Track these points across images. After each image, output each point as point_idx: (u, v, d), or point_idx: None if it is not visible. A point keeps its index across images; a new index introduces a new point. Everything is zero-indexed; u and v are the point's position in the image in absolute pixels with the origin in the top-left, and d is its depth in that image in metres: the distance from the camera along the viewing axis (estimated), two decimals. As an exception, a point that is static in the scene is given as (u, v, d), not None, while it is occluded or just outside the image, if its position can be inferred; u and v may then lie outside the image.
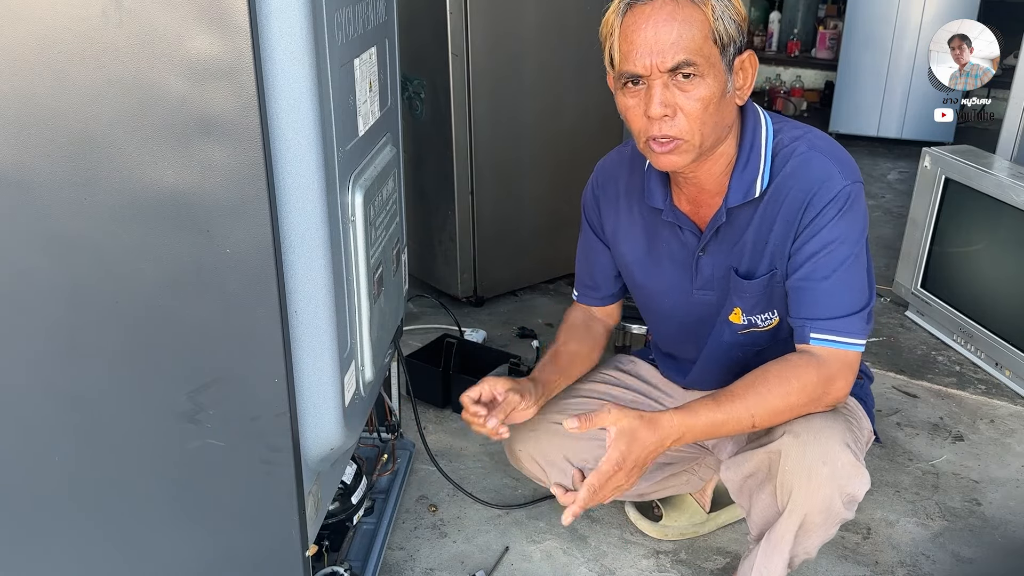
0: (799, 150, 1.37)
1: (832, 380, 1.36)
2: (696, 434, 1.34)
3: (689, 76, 1.24)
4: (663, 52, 1.23)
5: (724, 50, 1.26)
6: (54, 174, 1.03)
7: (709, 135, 1.31)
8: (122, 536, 1.27)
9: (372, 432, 1.85)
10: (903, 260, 2.85)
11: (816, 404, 1.37)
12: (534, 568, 1.77)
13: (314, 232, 1.09)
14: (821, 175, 1.34)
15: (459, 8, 2.50)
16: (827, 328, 1.35)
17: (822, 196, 1.33)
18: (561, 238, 3.02)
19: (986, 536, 1.88)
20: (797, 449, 1.35)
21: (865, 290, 1.38)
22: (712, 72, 1.25)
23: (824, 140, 1.40)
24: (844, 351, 1.35)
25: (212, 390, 1.14)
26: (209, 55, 0.97)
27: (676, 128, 1.27)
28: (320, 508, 1.37)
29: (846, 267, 1.34)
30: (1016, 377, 2.43)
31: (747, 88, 1.33)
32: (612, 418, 1.30)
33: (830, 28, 5.72)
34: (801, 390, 1.34)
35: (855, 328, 1.35)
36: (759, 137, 1.38)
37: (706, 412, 1.33)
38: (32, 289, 1.10)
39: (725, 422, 1.33)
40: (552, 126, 2.83)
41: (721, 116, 1.31)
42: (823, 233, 1.34)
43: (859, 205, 1.35)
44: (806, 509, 1.37)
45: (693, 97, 1.26)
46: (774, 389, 1.33)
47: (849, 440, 1.36)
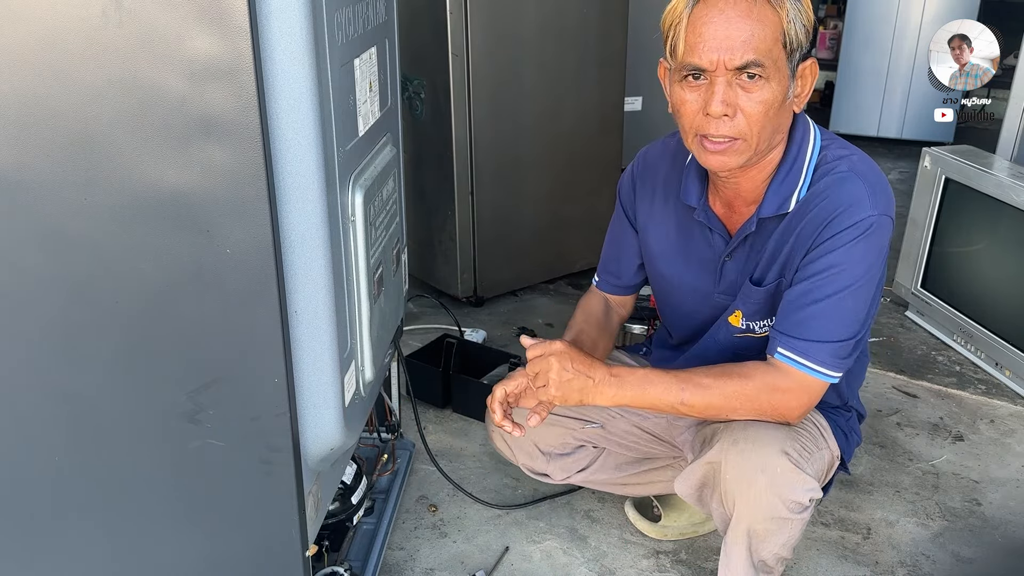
0: (839, 168, 1.34)
1: (783, 398, 1.34)
2: (624, 384, 1.35)
3: (754, 77, 1.21)
4: (733, 49, 1.19)
5: (791, 54, 1.24)
6: (54, 174, 1.03)
7: (764, 140, 1.29)
8: (122, 536, 1.27)
9: (372, 432, 1.85)
10: (903, 260, 2.85)
11: (761, 415, 1.37)
12: (534, 568, 1.77)
13: (314, 232, 1.09)
14: (850, 198, 1.31)
15: (459, 8, 2.50)
16: (796, 348, 1.32)
17: (844, 218, 1.30)
18: (561, 238, 3.02)
19: (986, 536, 1.88)
20: (735, 457, 1.36)
21: (853, 325, 1.33)
22: (777, 76, 1.23)
23: (867, 165, 1.36)
24: (805, 375, 1.33)
25: (212, 390, 1.14)
26: (209, 55, 0.97)
27: (734, 129, 1.25)
28: (320, 508, 1.37)
29: (842, 295, 1.31)
30: (1016, 377, 2.43)
31: (805, 96, 1.31)
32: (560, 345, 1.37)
33: (830, 28, 5.71)
34: (742, 394, 1.34)
35: (826, 357, 1.32)
36: (804, 150, 1.36)
37: (640, 372, 1.36)
38: (32, 289, 1.10)
39: (657, 387, 1.34)
40: (552, 126, 2.83)
41: (778, 122, 1.29)
42: (832, 255, 1.31)
43: (879, 238, 1.31)
44: (750, 517, 1.37)
45: (756, 99, 1.23)
46: (717, 383, 1.34)
47: (789, 448, 1.35)
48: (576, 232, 3.05)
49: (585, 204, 3.01)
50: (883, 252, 1.33)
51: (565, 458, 1.74)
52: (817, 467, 1.41)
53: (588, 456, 1.75)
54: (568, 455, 1.74)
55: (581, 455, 1.74)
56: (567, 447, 1.73)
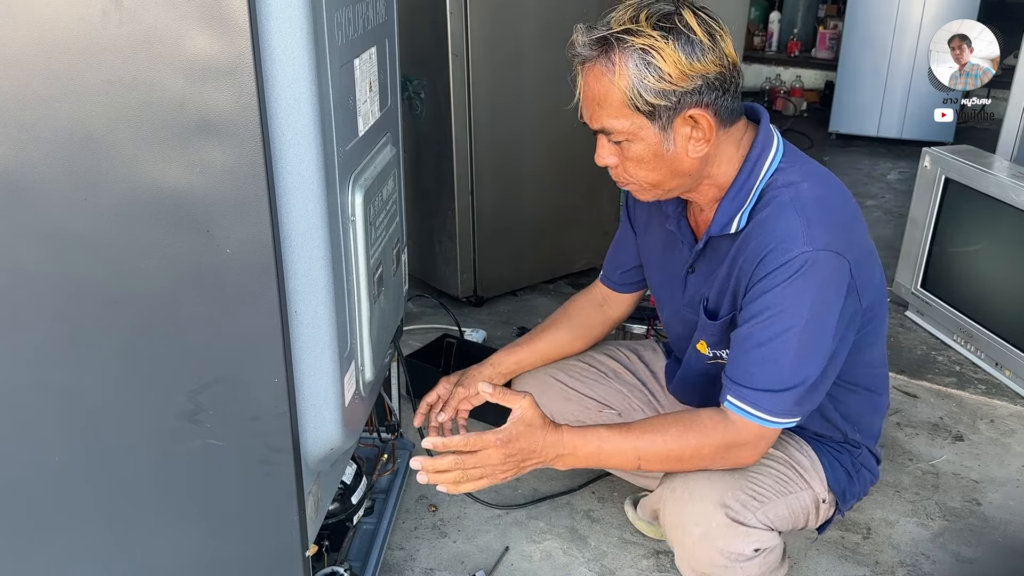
0: (781, 198, 1.28)
1: (739, 452, 1.32)
2: (581, 457, 1.31)
3: (618, 142, 1.27)
4: (590, 116, 1.28)
5: (651, 115, 1.22)
6: (54, 174, 1.03)
7: (661, 183, 1.30)
8: (122, 536, 1.27)
9: (372, 432, 1.85)
10: (903, 260, 2.85)
11: (715, 464, 1.35)
12: (534, 568, 1.77)
13: (314, 232, 1.09)
14: (782, 234, 1.25)
15: (459, 8, 2.50)
16: (744, 397, 1.28)
17: (775, 256, 1.24)
18: (561, 238, 3.02)
19: (986, 536, 1.88)
20: (672, 506, 1.37)
21: (803, 368, 1.26)
22: (638, 136, 1.24)
23: (816, 193, 1.29)
24: (757, 425, 1.29)
25: (212, 390, 1.14)
26: (209, 55, 0.96)
27: (623, 177, 1.32)
28: (320, 508, 1.37)
29: (784, 339, 1.25)
30: (1016, 377, 2.43)
31: (703, 142, 1.26)
32: (525, 403, 1.30)
33: (830, 28, 5.72)
34: (696, 448, 1.31)
35: (775, 406, 1.27)
36: (757, 172, 1.31)
37: (595, 439, 1.31)
38: (32, 289, 1.10)
39: (612, 454, 1.31)
40: (552, 126, 2.83)
41: (669, 170, 1.28)
42: (767, 296, 1.26)
43: (816, 274, 1.23)
44: (691, 565, 1.38)
45: (625, 155, 1.28)
46: (670, 439, 1.31)
47: (731, 499, 1.33)
48: (576, 232, 3.04)
49: (585, 204, 3.01)
50: (830, 288, 1.25)
51: None
52: (775, 514, 1.38)
53: None
54: None
55: None
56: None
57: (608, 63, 1.21)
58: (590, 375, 1.72)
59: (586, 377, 1.71)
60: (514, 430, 1.28)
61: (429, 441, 1.29)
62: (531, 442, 1.28)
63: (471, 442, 1.26)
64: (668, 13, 1.20)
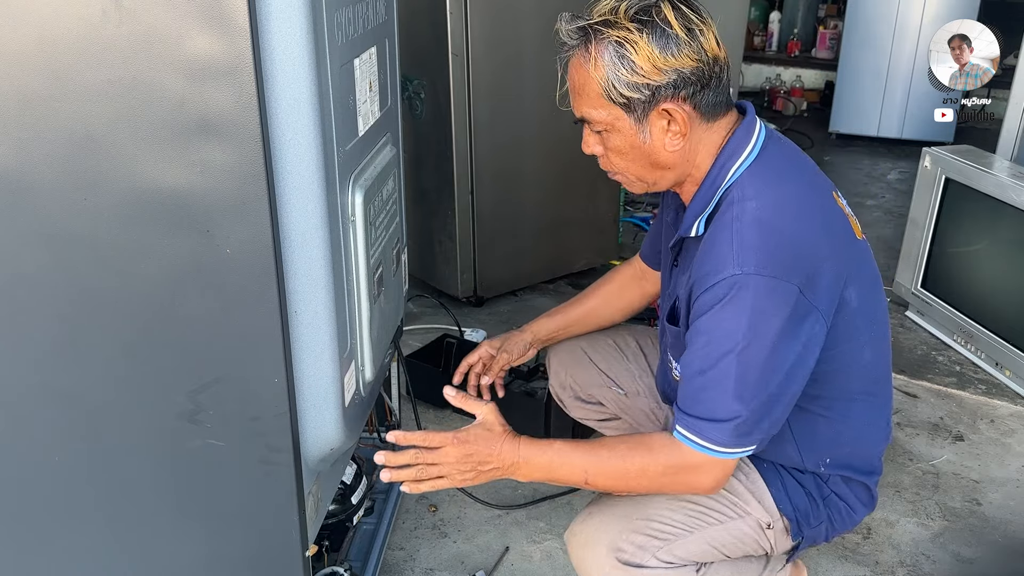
0: (724, 217, 1.24)
1: (691, 478, 1.28)
2: (533, 469, 1.31)
3: (598, 131, 1.28)
4: (573, 104, 1.29)
5: (628, 106, 1.22)
6: (54, 174, 1.03)
7: (643, 175, 1.31)
8: (122, 536, 1.27)
9: (372, 432, 1.85)
10: (903, 260, 2.85)
11: (667, 488, 1.33)
12: (534, 568, 1.77)
13: (314, 232, 1.09)
14: (715, 256, 1.22)
15: (459, 8, 2.50)
16: (690, 426, 1.24)
17: (706, 279, 1.22)
18: (561, 238, 3.02)
19: (986, 536, 1.88)
20: (573, 551, 1.37)
21: (742, 397, 1.20)
22: (615, 127, 1.25)
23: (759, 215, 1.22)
24: (706, 455, 1.24)
25: (212, 390, 1.14)
26: (209, 55, 0.96)
27: (609, 166, 1.33)
28: (320, 508, 1.37)
29: (720, 368, 1.20)
30: (1016, 377, 2.43)
31: (679, 136, 1.24)
32: (485, 410, 1.33)
33: (830, 28, 5.72)
34: (641, 468, 1.28)
35: (723, 437, 1.22)
36: (723, 176, 1.27)
37: (549, 452, 1.30)
38: (32, 289, 1.10)
39: (560, 468, 1.30)
40: (552, 126, 2.83)
41: (648, 162, 1.28)
42: (701, 320, 1.22)
43: (747, 299, 1.18)
44: None
45: (607, 145, 1.29)
46: (615, 457, 1.29)
47: (622, 542, 1.30)
48: (576, 232, 3.04)
49: (585, 204, 3.01)
50: (767, 313, 1.18)
51: (582, 403, 1.77)
52: (684, 551, 1.33)
53: (604, 414, 1.77)
54: (586, 403, 1.77)
55: (597, 410, 1.77)
56: (590, 397, 1.75)
57: (586, 53, 1.22)
58: (612, 353, 1.75)
59: (608, 355, 1.74)
60: (473, 432, 1.31)
61: (392, 434, 1.31)
62: (488, 446, 1.30)
63: (429, 438, 1.29)
64: (648, 6, 1.19)
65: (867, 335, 1.35)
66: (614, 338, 1.77)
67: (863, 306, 1.32)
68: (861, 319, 1.32)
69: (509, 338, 1.73)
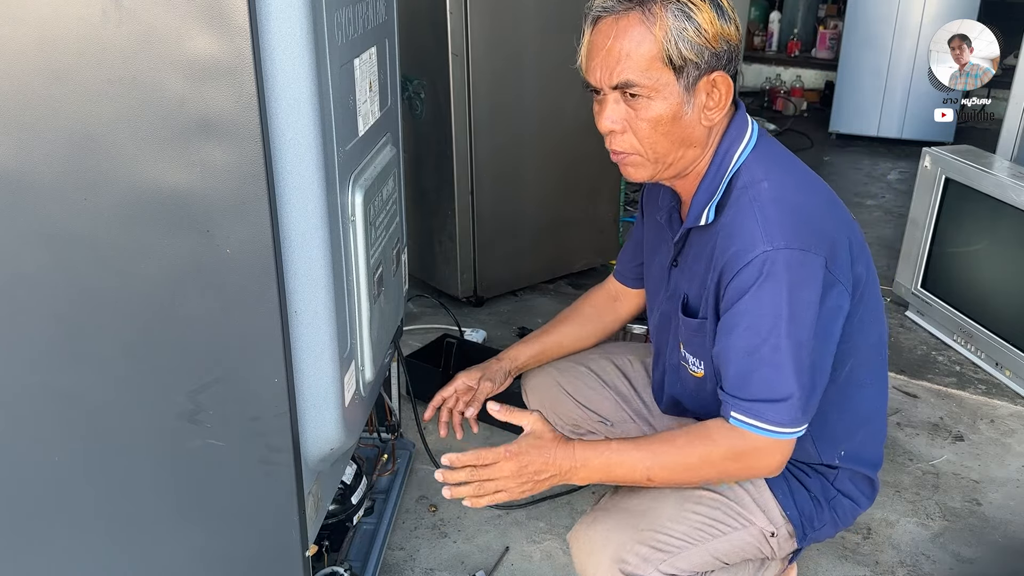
0: (742, 200, 1.26)
1: (749, 456, 1.27)
2: (591, 471, 1.30)
3: (636, 96, 1.22)
4: (610, 68, 1.22)
5: (680, 71, 1.21)
6: (54, 174, 1.03)
7: (666, 153, 1.27)
8: (122, 536, 1.27)
9: (372, 432, 1.85)
10: (903, 260, 2.85)
11: (732, 475, 1.33)
12: (534, 568, 1.77)
13: (314, 232, 1.09)
14: (741, 237, 1.23)
15: (459, 8, 2.50)
16: (749, 411, 1.24)
17: (738, 259, 1.22)
18: (561, 238, 3.02)
19: (986, 536, 1.88)
20: (576, 556, 1.35)
21: (793, 377, 1.21)
22: (662, 94, 1.22)
23: (774, 194, 1.25)
24: (766, 437, 1.24)
25: (212, 390, 1.14)
26: (209, 55, 0.96)
27: (625, 144, 1.27)
28: (320, 508, 1.37)
29: (771, 345, 1.21)
30: (1016, 377, 2.43)
31: (718, 109, 1.26)
32: (531, 419, 1.31)
33: (830, 28, 5.72)
34: (703, 457, 1.28)
35: (781, 416, 1.22)
36: (727, 163, 1.29)
37: (605, 452, 1.29)
38: (32, 289, 1.10)
39: (619, 467, 1.29)
40: (552, 126, 2.83)
41: (680, 136, 1.26)
42: (742, 303, 1.22)
43: (782, 273, 1.19)
44: None
45: (642, 116, 1.24)
46: (676, 453, 1.28)
47: (627, 553, 1.29)
48: (576, 232, 3.04)
49: (585, 204, 3.01)
50: (802, 285, 1.21)
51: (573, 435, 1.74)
52: (687, 563, 1.32)
53: None
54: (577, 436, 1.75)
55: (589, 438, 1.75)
56: (576, 428, 1.74)
57: (647, 12, 1.20)
58: (587, 381, 1.71)
59: (583, 384, 1.71)
60: (524, 443, 1.29)
61: (446, 457, 1.30)
62: (541, 455, 1.28)
63: (482, 455, 1.27)
64: None
65: (873, 314, 1.38)
66: (588, 364, 1.73)
67: (869, 284, 1.35)
68: (869, 297, 1.35)
69: (488, 367, 1.69)
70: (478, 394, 1.66)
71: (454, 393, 1.67)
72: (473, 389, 1.67)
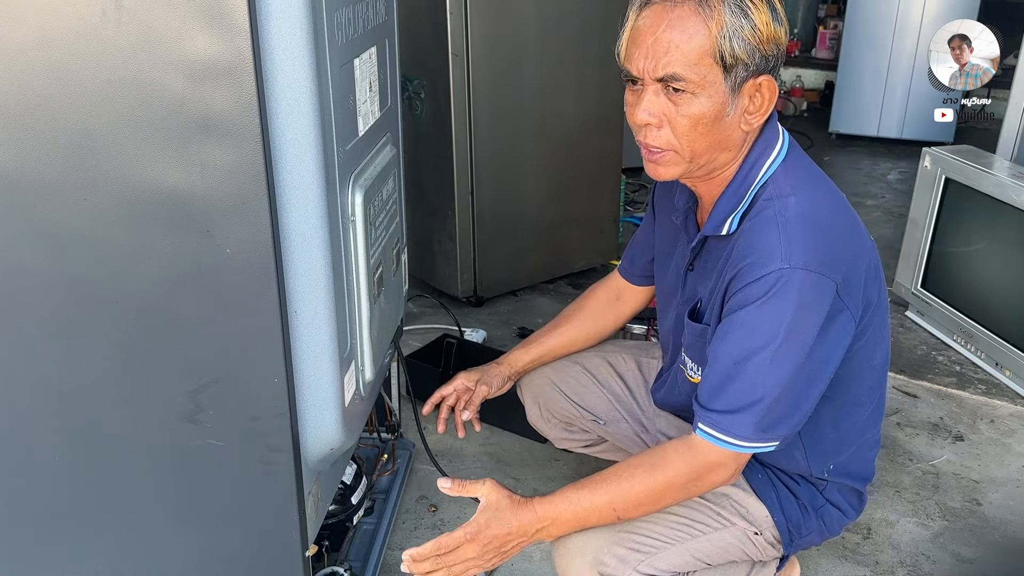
0: (766, 212, 1.23)
1: (707, 473, 1.27)
2: (561, 526, 1.28)
3: (679, 91, 1.17)
4: (656, 59, 1.16)
5: (729, 70, 1.16)
6: (54, 174, 1.03)
7: (701, 153, 1.23)
8: (122, 536, 1.27)
9: (372, 432, 1.85)
10: (903, 260, 2.85)
11: (695, 493, 1.32)
12: (534, 568, 1.77)
13: (314, 232, 1.09)
14: (761, 248, 1.20)
15: (459, 8, 2.50)
16: (714, 423, 1.23)
17: (751, 270, 1.20)
18: (561, 238, 3.02)
19: (986, 536, 1.88)
20: (557, 551, 1.35)
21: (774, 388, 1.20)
22: (708, 91, 1.17)
23: (800, 210, 1.23)
24: (728, 451, 1.24)
25: (212, 390, 1.14)
26: (209, 55, 0.96)
27: (661, 139, 1.22)
28: (320, 508, 1.37)
29: (757, 363, 1.20)
30: (1016, 377, 2.43)
31: (759, 114, 1.22)
32: (485, 490, 1.29)
33: (830, 28, 5.72)
34: (666, 485, 1.27)
35: (742, 430, 1.22)
36: (754, 174, 1.26)
37: (566, 504, 1.28)
38: (32, 289, 1.10)
39: (588, 514, 1.27)
40: (552, 126, 2.83)
41: (718, 137, 1.22)
42: (743, 313, 1.21)
43: (792, 293, 1.17)
44: None
45: (682, 112, 1.19)
46: (636, 484, 1.27)
47: (605, 555, 1.29)
48: (576, 232, 3.05)
49: (585, 204, 3.01)
50: (809, 309, 1.18)
51: (566, 432, 1.77)
52: (667, 563, 1.32)
53: (588, 440, 1.77)
54: (570, 433, 1.76)
55: (581, 436, 1.77)
56: (570, 426, 1.74)
57: (704, 4, 1.15)
58: (582, 380, 1.71)
59: (578, 384, 1.71)
60: (481, 520, 1.27)
61: (406, 553, 1.28)
62: (502, 526, 1.26)
63: (442, 544, 1.26)
64: None
65: (879, 335, 1.36)
66: (582, 362, 1.73)
67: (879, 306, 1.33)
68: (878, 319, 1.33)
69: (487, 371, 1.69)
70: (474, 397, 1.66)
71: (453, 392, 1.68)
72: (471, 390, 1.67)
